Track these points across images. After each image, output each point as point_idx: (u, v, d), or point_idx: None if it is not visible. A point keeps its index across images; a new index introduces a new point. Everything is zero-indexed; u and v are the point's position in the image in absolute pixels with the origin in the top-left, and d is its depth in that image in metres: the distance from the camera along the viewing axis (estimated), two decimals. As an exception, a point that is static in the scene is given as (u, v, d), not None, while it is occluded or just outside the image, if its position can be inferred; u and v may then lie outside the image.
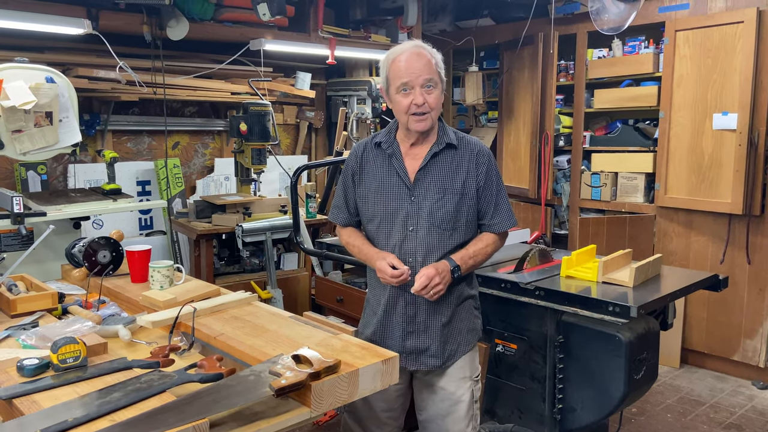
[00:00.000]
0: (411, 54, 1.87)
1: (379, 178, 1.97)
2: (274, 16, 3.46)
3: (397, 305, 1.98)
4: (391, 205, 1.95)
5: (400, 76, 1.87)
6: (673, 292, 2.36)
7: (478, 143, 2.01)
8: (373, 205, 1.97)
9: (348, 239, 2.07)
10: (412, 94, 1.87)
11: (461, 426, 2.01)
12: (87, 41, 3.51)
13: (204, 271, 3.54)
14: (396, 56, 1.89)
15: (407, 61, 1.86)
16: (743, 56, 3.53)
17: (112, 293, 2.12)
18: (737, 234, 3.74)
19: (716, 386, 3.75)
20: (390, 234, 1.96)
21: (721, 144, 3.68)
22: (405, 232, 1.94)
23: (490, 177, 1.98)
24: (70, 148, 2.73)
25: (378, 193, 1.96)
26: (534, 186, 4.59)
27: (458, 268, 1.91)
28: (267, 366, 1.42)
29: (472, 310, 2.06)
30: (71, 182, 3.75)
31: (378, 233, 1.98)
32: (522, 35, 4.41)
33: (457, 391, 2.01)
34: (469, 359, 2.04)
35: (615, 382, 2.16)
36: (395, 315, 1.99)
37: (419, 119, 1.89)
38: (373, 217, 1.98)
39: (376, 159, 1.99)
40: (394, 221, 1.95)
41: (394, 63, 1.88)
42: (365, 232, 2.06)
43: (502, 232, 2.03)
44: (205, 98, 4.11)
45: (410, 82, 1.86)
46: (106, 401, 1.30)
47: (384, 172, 1.97)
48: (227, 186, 4.42)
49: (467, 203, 1.94)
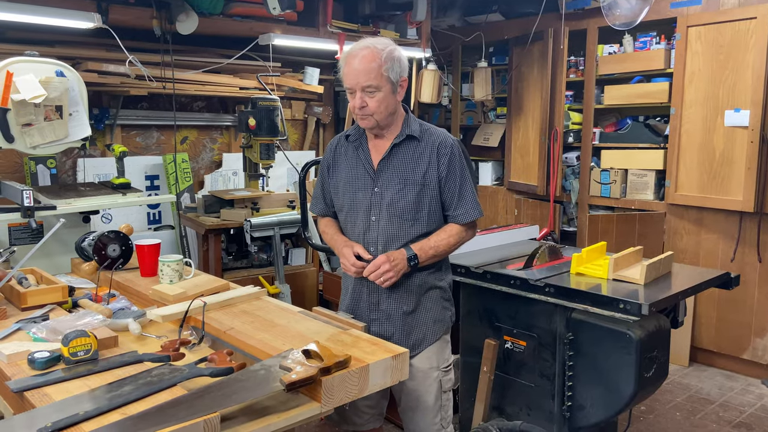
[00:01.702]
0: (356, 58, 1.90)
1: (348, 170, 2.05)
2: (284, 10, 3.45)
3: (362, 292, 2.04)
4: (357, 195, 2.01)
5: (344, 80, 1.93)
6: (684, 290, 2.34)
7: (441, 134, 2.03)
8: (342, 196, 2.05)
9: (324, 228, 2.16)
10: (354, 97, 1.93)
11: (429, 417, 2.04)
12: (97, 35, 3.52)
13: (212, 265, 3.55)
14: (345, 59, 1.93)
15: (350, 66, 1.91)
16: (756, 52, 3.50)
17: (122, 287, 2.13)
18: (748, 232, 3.70)
19: (725, 385, 3.73)
20: (355, 223, 2.02)
21: (732, 141, 3.64)
22: (368, 221, 2.00)
23: (453, 168, 1.99)
24: (80, 142, 2.73)
25: (347, 184, 2.04)
26: (543, 182, 4.57)
27: (415, 257, 1.94)
28: (277, 361, 1.41)
29: (440, 301, 2.08)
30: (80, 176, 3.76)
31: (346, 223, 2.07)
32: (532, 31, 4.38)
33: (424, 382, 2.02)
34: (436, 349, 2.05)
35: (625, 380, 2.14)
36: (361, 302, 2.05)
37: (362, 118, 1.96)
38: (342, 207, 2.06)
39: (347, 151, 2.07)
40: (359, 211, 2.01)
41: (344, 65, 1.93)
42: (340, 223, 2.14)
43: (468, 222, 2.04)
44: (214, 93, 4.11)
45: (351, 87, 1.92)
46: (117, 394, 1.30)
47: (352, 163, 2.04)
48: (235, 181, 4.42)
49: (428, 194, 1.98)
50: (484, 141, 5.13)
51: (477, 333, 2.56)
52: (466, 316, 2.62)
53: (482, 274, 2.51)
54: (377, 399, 2.11)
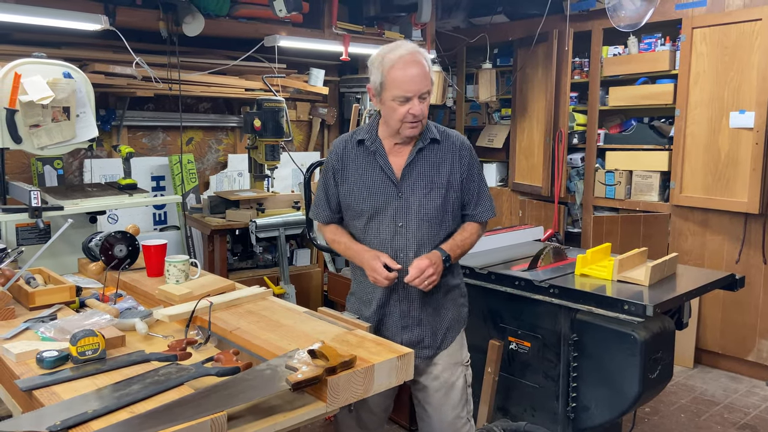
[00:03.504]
0: (409, 63, 1.83)
1: (364, 175, 1.98)
2: (290, 12, 3.46)
3: (390, 301, 2.02)
4: (378, 201, 1.96)
5: (398, 86, 1.84)
6: (689, 292, 2.34)
7: (459, 136, 2.05)
8: (360, 202, 1.98)
9: (333, 236, 2.08)
10: (408, 105, 1.86)
11: (457, 411, 2.06)
12: (104, 37, 3.54)
13: (217, 266, 3.57)
14: (394, 63, 1.84)
15: (406, 73, 1.83)
16: (761, 54, 3.49)
17: (129, 287, 2.14)
18: (753, 234, 3.70)
19: (730, 386, 3.72)
20: (379, 230, 1.98)
21: (737, 142, 3.64)
22: (395, 227, 1.96)
23: (473, 168, 2.03)
24: (87, 143, 2.75)
25: (364, 190, 1.98)
26: (547, 184, 4.57)
27: (449, 258, 1.95)
28: (283, 360, 1.42)
29: (458, 299, 2.12)
30: (87, 177, 3.78)
31: (367, 230, 1.99)
32: (536, 32, 4.39)
33: (450, 378, 2.06)
34: (458, 346, 2.10)
35: (629, 382, 2.15)
36: (389, 310, 2.02)
37: (413, 126, 1.90)
38: (361, 214, 1.99)
39: (358, 156, 2.00)
40: (383, 218, 1.97)
41: (392, 70, 1.84)
42: (350, 229, 2.07)
43: (485, 221, 2.09)
44: (220, 94, 4.13)
45: (411, 95, 1.85)
46: (125, 393, 1.32)
47: (368, 169, 1.98)
48: (240, 182, 4.44)
49: (453, 195, 1.98)
50: (489, 142, 5.14)
51: (481, 334, 2.57)
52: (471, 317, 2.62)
53: (487, 275, 2.52)
54: (388, 400, 2.14)
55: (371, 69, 1.90)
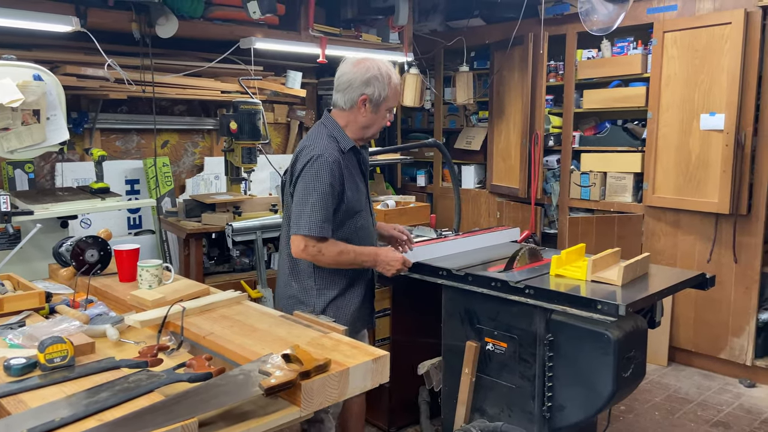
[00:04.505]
0: (400, 82, 2.30)
1: (354, 177, 2.23)
2: (264, 14, 3.44)
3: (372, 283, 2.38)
4: (363, 197, 2.27)
5: (396, 98, 2.23)
6: (660, 291, 2.37)
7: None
8: (357, 202, 2.22)
9: (339, 248, 2.15)
10: (390, 114, 2.25)
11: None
12: (75, 39, 3.48)
13: (193, 270, 3.53)
14: (395, 80, 2.21)
15: (398, 89, 2.25)
16: (731, 57, 3.57)
17: (100, 292, 2.11)
18: (724, 233, 3.77)
19: (703, 384, 3.78)
20: (367, 222, 2.29)
21: (708, 144, 3.71)
22: (371, 218, 2.34)
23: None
24: (58, 147, 2.71)
25: (357, 190, 2.23)
26: (524, 185, 4.61)
27: None
28: (256, 365, 1.41)
29: None
30: (59, 181, 3.72)
31: (359, 226, 2.25)
32: (512, 35, 4.43)
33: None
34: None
35: (603, 380, 2.17)
36: (369, 307, 2.37)
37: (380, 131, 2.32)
38: (358, 212, 2.23)
39: (347, 163, 2.20)
40: (366, 211, 2.29)
41: (394, 87, 2.20)
42: (340, 233, 2.19)
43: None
44: (195, 96, 4.09)
45: (395, 105, 2.27)
46: (94, 401, 1.30)
47: (354, 170, 2.24)
48: (217, 185, 4.40)
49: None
50: (467, 144, 5.17)
51: (459, 335, 2.58)
52: (448, 319, 2.63)
53: (464, 277, 2.53)
54: None
55: (374, 83, 2.15)
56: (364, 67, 2.13)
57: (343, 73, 2.17)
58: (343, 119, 2.21)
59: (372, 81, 2.14)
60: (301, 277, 2.22)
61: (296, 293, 2.23)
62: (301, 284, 2.22)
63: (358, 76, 2.13)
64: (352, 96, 2.16)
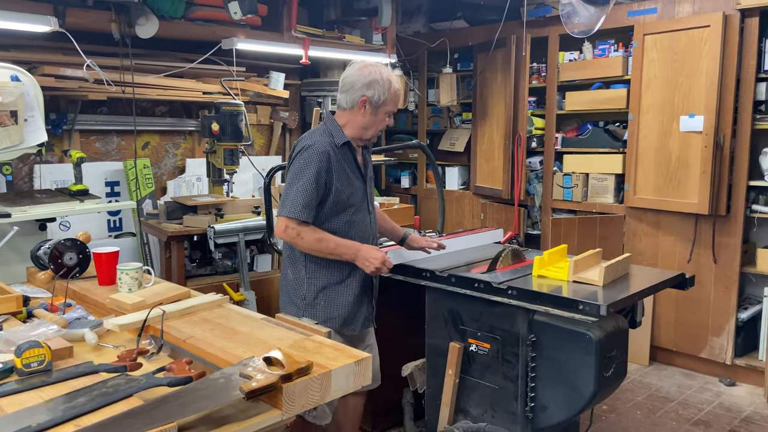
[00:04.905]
0: (400, 89, 2.40)
1: (348, 173, 2.31)
2: (246, 15, 3.43)
3: (370, 282, 2.43)
4: (359, 194, 2.34)
5: (395, 103, 2.32)
6: (641, 291, 2.39)
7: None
8: (349, 197, 2.30)
9: (319, 235, 2.25)
10: (390, 118, 2.36)
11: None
12: (54, 39, 3.44)
13: (175, 273, 3.49)
14: (395, 86, 2.30)
15: (398, 95, 2.35)
16: (709, 60, 3.61)
17: (79, 296, 2.08)
18: (704, 234, 3.82)
19: (684, 383, 3.83)
20: (363, 219, 2.37)
21: (687, 146, 3.75)
22: (369, 216, 2.41)
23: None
24: (36, 148, 2.67)
25: (350, 186, 2.30)
26: (507, 187, 4.63)
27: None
28: (237, 368, 1.40)
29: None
30: (37, 183, 3.67)
31: (352, 221, 2.32)
32: (495, 37, 4.45)
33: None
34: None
35: (585, 380, 2.18)
36: (365, 311, 2.42)
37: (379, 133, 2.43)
38: (349, 207, 2.31)
39: (341, 156, 2.29)
40: (362, 208, 2.36)
41: (395, 91, 2.30)
42: (328, 225, 2.28)
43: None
44: (176, 98, 4.06)
45: (395, 111, 2.38)
46: (71, 406, 1.27)
47: (349, 167, 2.32)
48: (199, 187, 4.36)
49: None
50: (451, 146, 5.18)
51: (442, 336, 2.58)
52: (432, 320, 2.63)
53: (447, 278, 2.53)
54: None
55: (375, 86, 2.25)
56: (367, 71, 2.26)
57: (347, 75, 2.30)
58: (343, 118, 2.33)
59: (373, 84, 2.25)
60: (296, 266, 2.35)
61: (291, 281, 2.37)
62: (296, 273, 2.35)
63: (360, 79, 2.26)
64: (354, 97, 2.27)
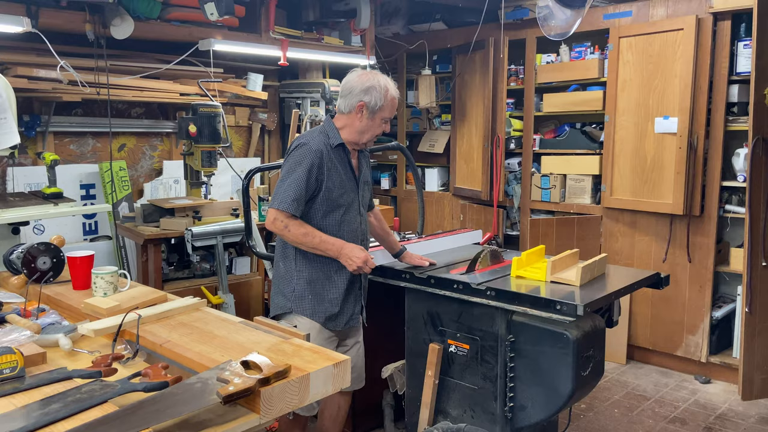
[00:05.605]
0: (397, 96, 2.42)
1: (341, 174, 2.37)
2: (222, 15, 3.40)
3: (358, 280, 2.48)
4: (351, 195, 2.40)
5: (391, 111, 2.39)
6: (617, 291, 2.43)
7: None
8: (339, 197, 2.36)
9: (305, 229, 2.31)
10: (386, 124, 2.43)
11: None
12: (26, 40, 3.37)
13: (152, 276, 3.45)
14: (392, 93, 2.39)
15: (395, 102, 2.41)
16: (683, 62, 3.68)
17: (53, 301, 2.04)
18: (678, 233, 3.88)
19: (661, 381, 3.88)
20: (352, 220, 2.42)
21: (662, 147, 3.81)
22: (360, 217, 2.45)
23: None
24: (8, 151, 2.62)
25: (342, 186, 2.36)
26: (486, 188, 4.66)
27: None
28: (215, 373, 1.38)
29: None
30: (10, 186, 3.60)
31: (343, 221, 2.39)
32: (473, 40, 4.48)
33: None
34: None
35: (563, 380, 2.21)
36: (353, 302, 2.47)
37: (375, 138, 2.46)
38: (339, 207, 2.37)
39: (334, 157, 2.37)
40: (353, 209, 2.42)
41: (391, 99, 2.38)
42: (318, 223, 2.34)
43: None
44: (153, 99, 4.01)
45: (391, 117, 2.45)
46: (45, 413, 1.25)
47: (342, 168, 2.38)
48: (177, 189, 4.32)
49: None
50: (430, 147, 5.20)
51: (422, 337, 2.59)
52: (411, 321, 2.64)
53: (426, 279, 2.54)
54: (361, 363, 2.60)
55: (372, 92, 2.33)
56: (366, 78, 2.36)
57: (348, 81, 2.39)
58: (341, 122, 2.40)
59: (370, 90, 2.33)
60: (287, 260, 2.42)
61: (282, 273, 2.44)
62: (286, 266, 2.43)
63: (358, 84, 2.34)
64: (352, 101, 2.36)
